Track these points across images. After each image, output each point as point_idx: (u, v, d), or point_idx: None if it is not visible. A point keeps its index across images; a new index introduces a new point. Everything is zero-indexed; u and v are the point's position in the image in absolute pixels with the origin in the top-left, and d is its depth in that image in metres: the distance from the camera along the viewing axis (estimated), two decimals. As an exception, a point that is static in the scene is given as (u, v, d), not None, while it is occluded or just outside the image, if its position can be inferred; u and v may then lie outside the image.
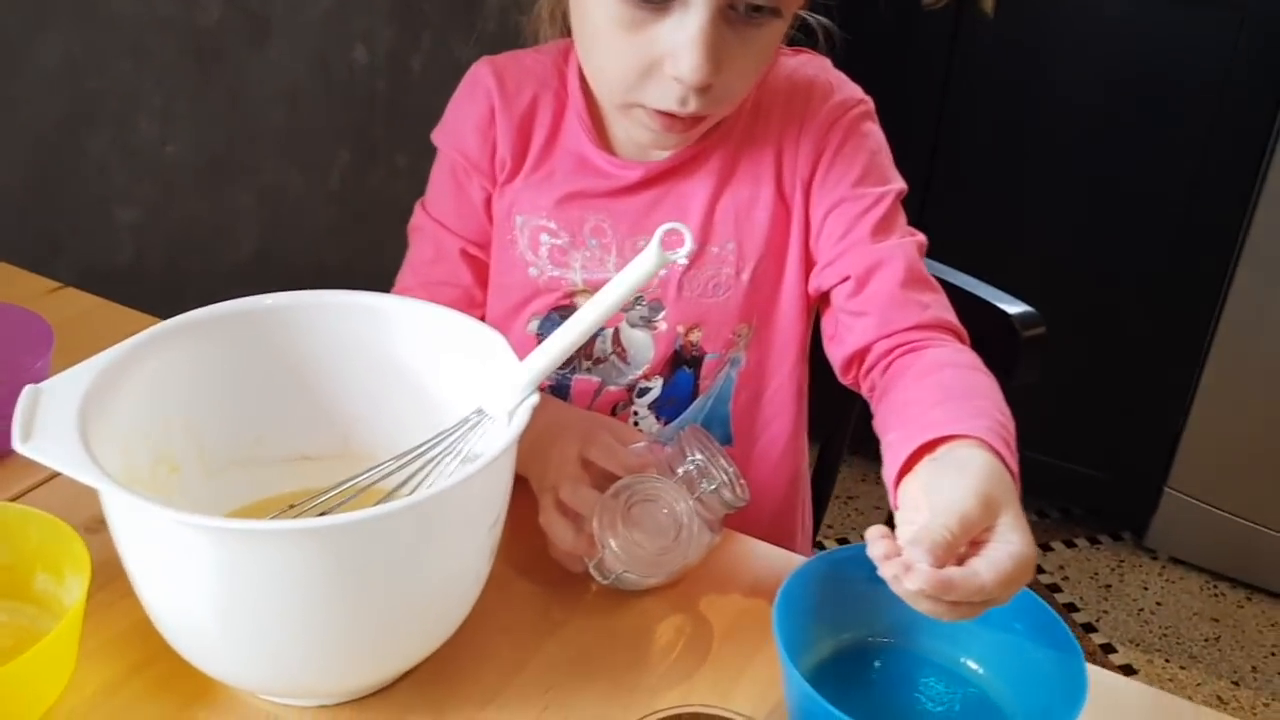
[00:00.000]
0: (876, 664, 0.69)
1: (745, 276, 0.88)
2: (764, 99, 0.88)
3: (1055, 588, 2.03)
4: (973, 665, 0.69)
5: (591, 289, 0.89)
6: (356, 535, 0.58)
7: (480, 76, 0.92)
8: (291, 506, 0.70)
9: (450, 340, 0.74)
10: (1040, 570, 2.06)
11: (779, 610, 0.64)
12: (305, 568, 0.58)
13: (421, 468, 0.70)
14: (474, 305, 0.96)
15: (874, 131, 0.89)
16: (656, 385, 0.90)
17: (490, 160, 0.91)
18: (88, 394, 0.62)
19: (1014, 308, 1.03)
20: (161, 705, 0.65)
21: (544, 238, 0.90)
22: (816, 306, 0.91)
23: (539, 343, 0.90)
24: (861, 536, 0.64)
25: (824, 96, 0.88)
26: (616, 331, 0.89)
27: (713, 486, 0.73)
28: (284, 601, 0.59)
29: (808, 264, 0.89)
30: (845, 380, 0.87)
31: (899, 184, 0.88)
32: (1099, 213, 1.91)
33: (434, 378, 0.74)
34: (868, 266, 0.84)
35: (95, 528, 0.70)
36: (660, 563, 0.73)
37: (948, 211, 1.99)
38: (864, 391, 0.86)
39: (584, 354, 0.90)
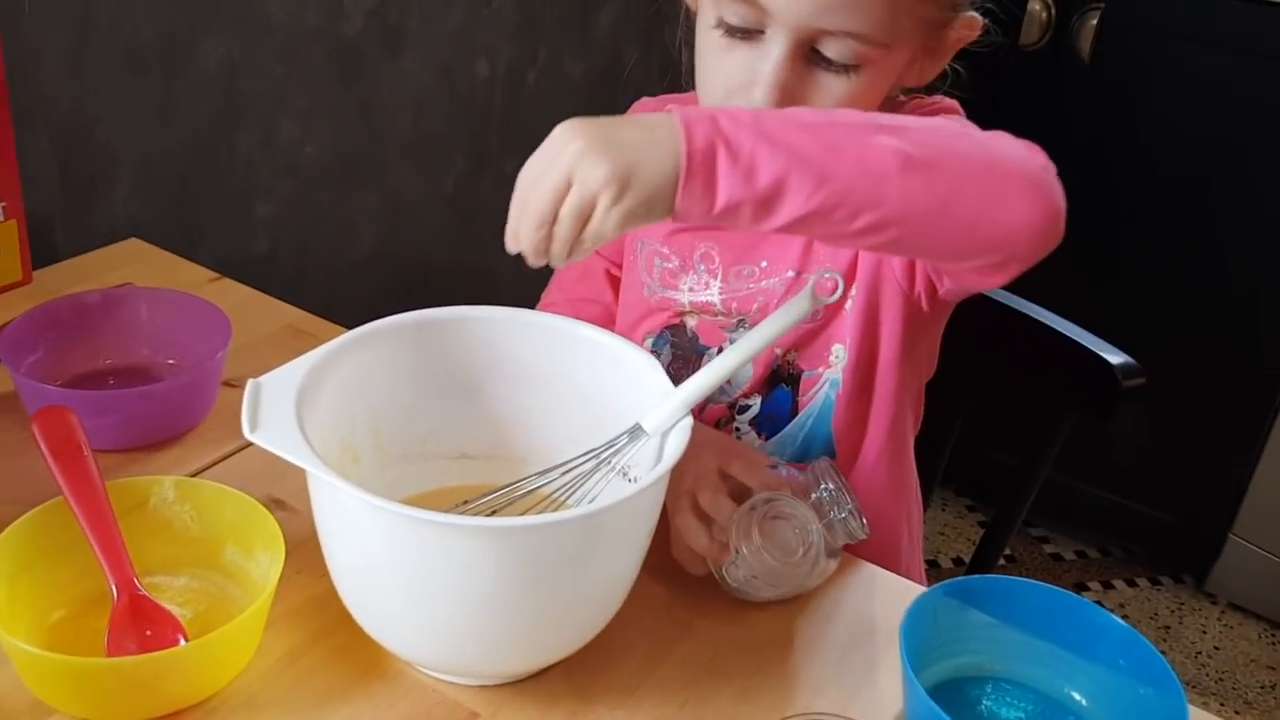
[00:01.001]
0: (988, 689, 0.75)
1: (843, 304, 0.90)
2: None
3: (1113, 626, 2.06)
4: (1078, 697, 0.74)
5: (696, 310, 0.95)
6: (533, 538, 0.65)
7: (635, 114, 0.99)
8: (465, 502, 0.77)
9: (605, 359, 0.80)
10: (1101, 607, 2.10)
11: (905, 630, 0.70)
12: (487, 561, 0.65)
13: (581, 477, 0.76)
14: (612, 321, 1.02)
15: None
16: (756, 402, 0.95)
17: None
18: (300, 388, 0.69)
19: (1116, 357, 1.08)
20: (339, 672, 0.73)
21: (658, 261, 0.97)
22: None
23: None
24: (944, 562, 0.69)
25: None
26: (720, 350, 0.94)
27: (841, 515, 0.79)
28: (463, 588, 0.66)
29: (888, 279, 0.90)
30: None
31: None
32: (1181, 260, 1.94)
33: (586, 392, 0.81)
34: None
35: (269, 505, 0.78)
36: (785, 576, 0.79)
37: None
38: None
39: (692, 369, 0.95)
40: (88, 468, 0.74)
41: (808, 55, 0.79)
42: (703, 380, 0.74)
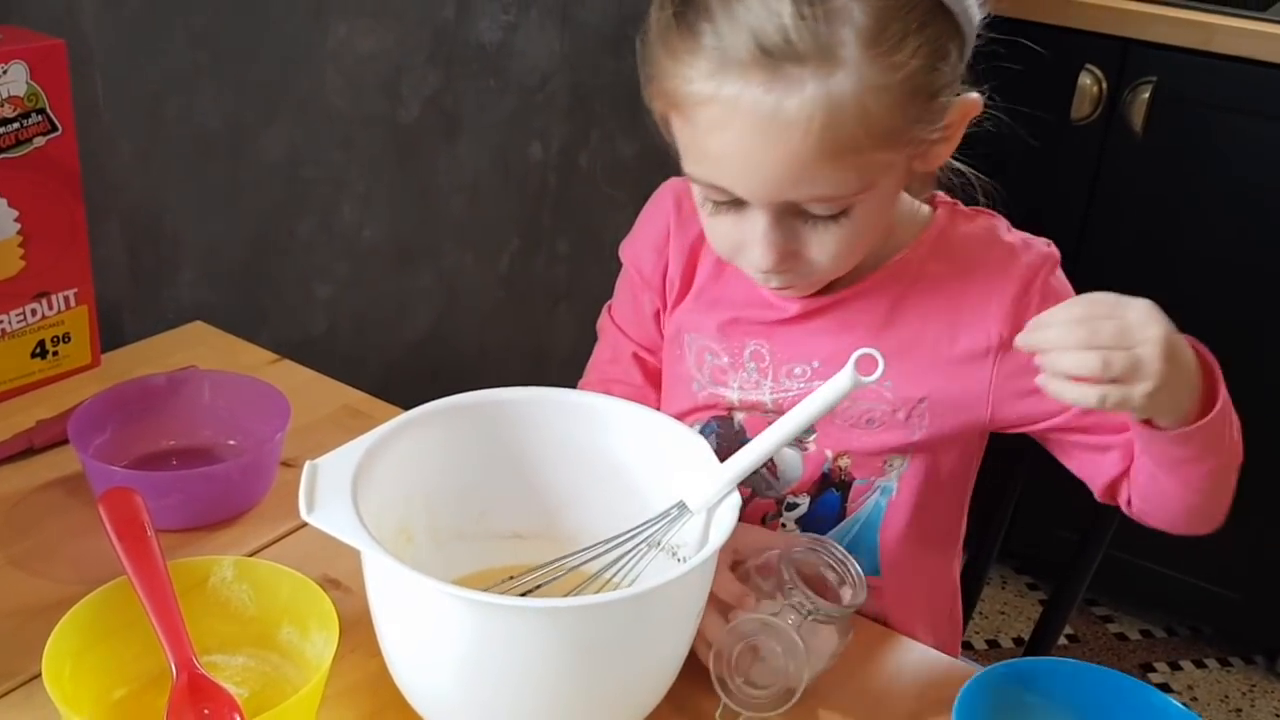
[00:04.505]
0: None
1: (901, 415, 0.90)
2: (938, 254, 0.90)
3: (1183, 708, 2.00)
4: (1137, 782, 0.73)
5: (744, 408, 0.94)
6: (583, 618, 0.66)
7: (663, 198, 1.00)
8: (511, 578, 0.78)
9: (654, 439, 0.81)
10: (1168, 689, 2.04)
11: (958, 713, 0.69)
12: (536, 641, 0.65)
13: (627, 554, 0.77)
14: (645, 402, 1.02)
15: (1064, 281, 0.91)
16: (804, 502, 0.94)
17: (661, 279, 0.99)
18: (356, 470, 0.71)
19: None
20: (391, 753, 0.73)
21: (708, 356, 0.96)
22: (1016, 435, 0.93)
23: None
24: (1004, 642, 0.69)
25: (1009, 260, 0.89)
26: None
27: (815, 609, 0.76)
28: (512, 668, 0.66)
29: (974, 415, 0.90)
30: (1106, 500, 0.93)
31: None
32: (1240, 334, 1.92)
33: (636, 471, 0.82)
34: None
35: (324, 585, 0.79)
36: (778, 699, 0.75)
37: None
38: (1129, 509, 0.92)
39: None
40: (150, 548, 0.76)
41: (794, 212, 0.80)
42: (745, 458, 0.75)
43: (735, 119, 0.75)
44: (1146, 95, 1.85)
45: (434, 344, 1.67)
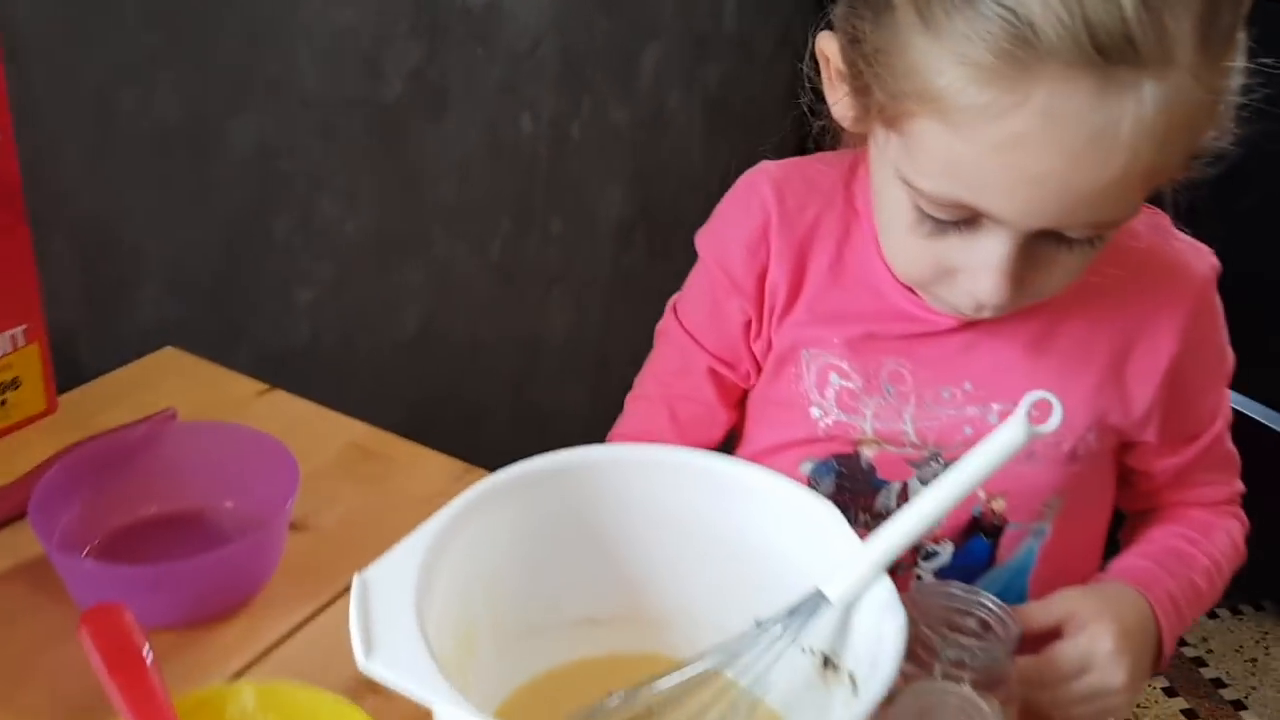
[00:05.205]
0: None
1: (1066, 447, 0.77)
2: (1104, 255, 0.76)
3: (1200, 661, 1.93)
4: None
5: (881, 440, 0.79)
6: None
7: (757, 186, 0.83)
8: (611, 694, 0.63)
9: (758, 502, 0.66)
10: (1183, 643, 1.97)
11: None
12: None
13: (760, 655, 0.62)
14: (714, 425, 0.88)
15: (1218, 299, 0.81)
16: (946, 551, 0.80)
17: (758, 283, 0.83)
18: (418, 585, 0.55)
19: (1283, 427, 0.96)
20: None
21: (834, 378, 0.80)
22: None
23: (808, 485, 0.83)
24: None
25: (1183, 268, 0.78)
26: (905, 487, 0.79)
27: (974, 658, 0.64)
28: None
29: (1122, 436, 0.80)
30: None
31: (1231, 357, 0.83)
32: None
33: (736, 542, 0.67)
34: (1189, 461, 0.83)
35: (357, 690, 0.64)
36: None
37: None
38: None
39: (862, 506, 0.81)
40: (150, 684, 0.60)
41: (1045, 235, 0.65)
42: (893, 535, 0.60)
43: (1044, 133, 0.58)
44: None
45: (424, 344, 1.50)
